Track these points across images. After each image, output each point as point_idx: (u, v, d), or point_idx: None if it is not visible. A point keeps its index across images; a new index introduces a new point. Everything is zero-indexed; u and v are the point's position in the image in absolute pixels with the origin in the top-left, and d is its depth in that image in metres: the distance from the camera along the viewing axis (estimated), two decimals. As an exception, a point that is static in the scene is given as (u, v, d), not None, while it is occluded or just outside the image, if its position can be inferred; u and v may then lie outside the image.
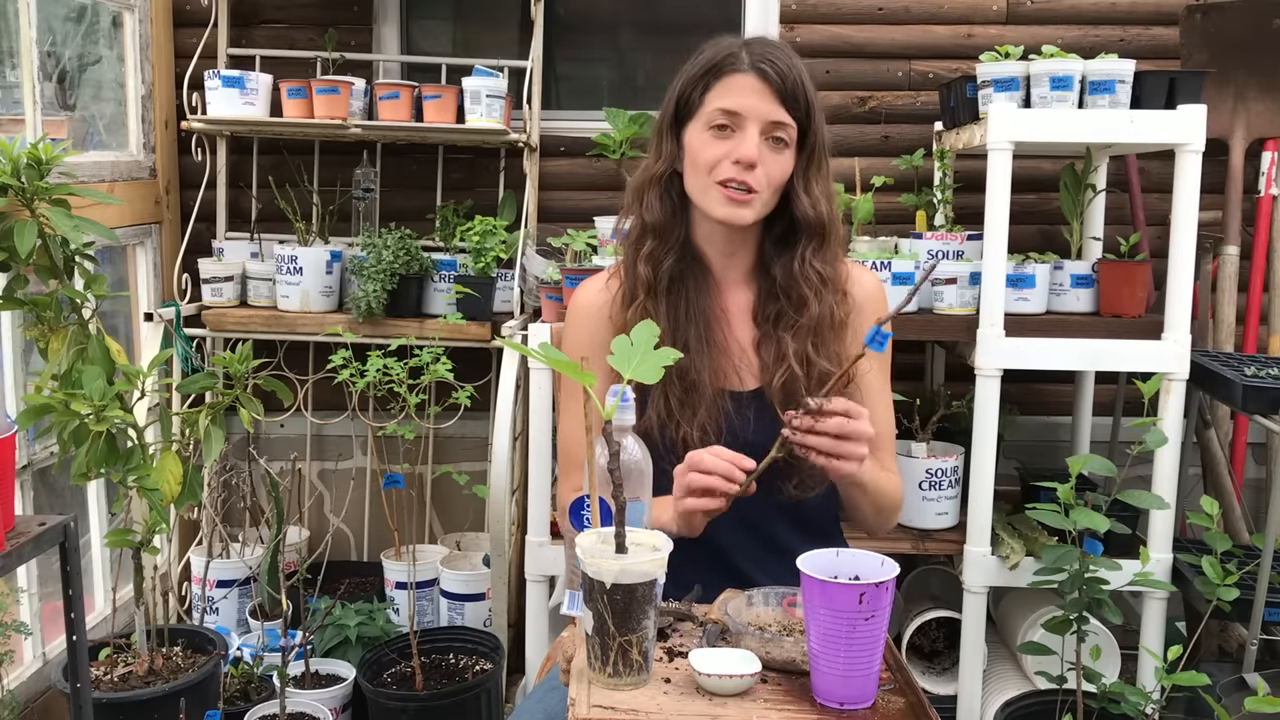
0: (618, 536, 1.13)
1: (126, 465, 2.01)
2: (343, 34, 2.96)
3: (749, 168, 1.47)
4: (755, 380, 1.55)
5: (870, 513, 1.55)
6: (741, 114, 1.47)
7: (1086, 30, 2.90)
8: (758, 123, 1.47)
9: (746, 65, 1.47)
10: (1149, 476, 2.29)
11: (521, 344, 1.40)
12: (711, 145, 1.48)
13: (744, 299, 1.59)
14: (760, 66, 1.46)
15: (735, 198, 1.48)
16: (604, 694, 1.13)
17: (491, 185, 3.01)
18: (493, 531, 2.50)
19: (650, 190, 1.56)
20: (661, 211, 1.55)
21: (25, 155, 1.91)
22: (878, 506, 1.54)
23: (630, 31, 3.17)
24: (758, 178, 1.47)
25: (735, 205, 1.49)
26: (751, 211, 1.50)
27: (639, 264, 1.55)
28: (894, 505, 1.58)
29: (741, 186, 1.47)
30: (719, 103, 1.48)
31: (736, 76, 1.47)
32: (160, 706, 2.12)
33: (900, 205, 2.80)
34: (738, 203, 1.49)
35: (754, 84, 1.46)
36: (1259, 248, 2.79)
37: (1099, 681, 1.91)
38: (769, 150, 1.48)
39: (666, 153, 1.55)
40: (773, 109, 1.47)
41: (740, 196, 1.48)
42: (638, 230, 1.58)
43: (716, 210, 1.50)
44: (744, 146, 1.46)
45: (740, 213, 1.49)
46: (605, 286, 1.61)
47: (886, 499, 1.55)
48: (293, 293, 2.77)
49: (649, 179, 1.56)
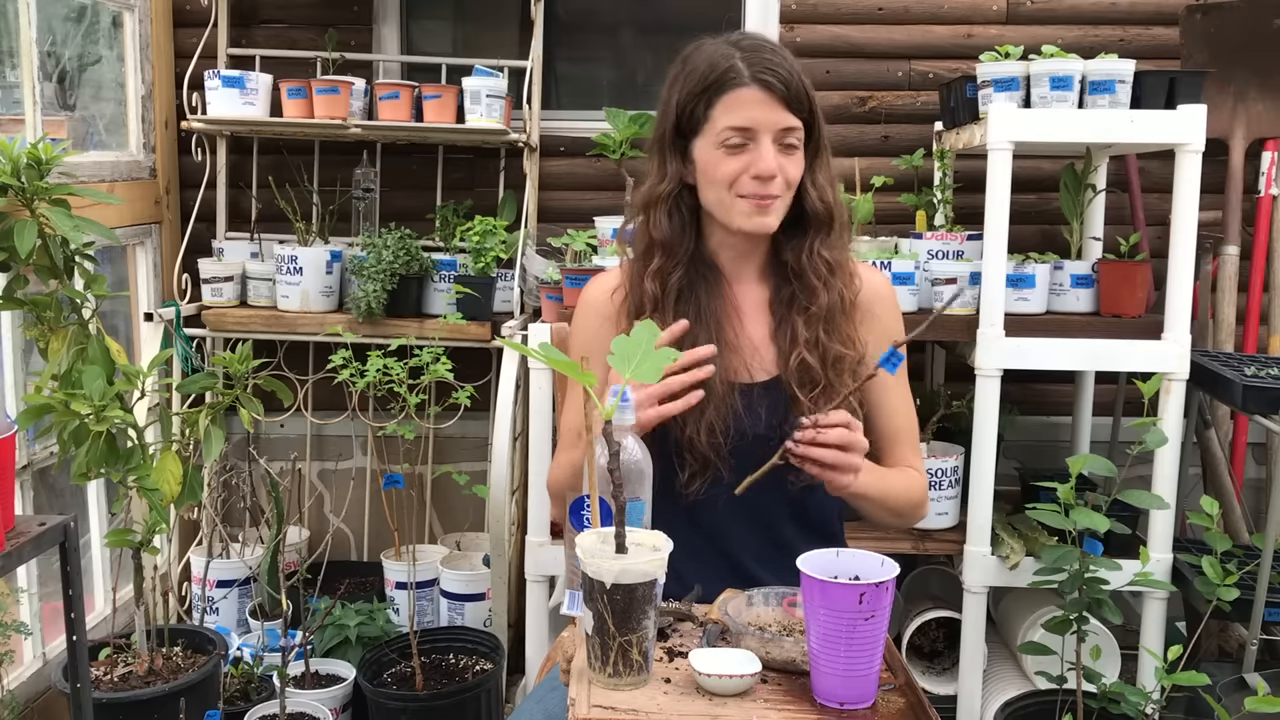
0: (618, 536, 1.13)
1: (126, 465, 2.01)
2: (343, 34, 2.96)
3: (770, 179, 1.48)
4: (768, 372, 1.56)
5: (886, 516, 1.56)
6: (754, 129, 1.47)
7: (1086, 30, 2.90)
8: (769, 133, 1.47)
9: (748, 78, 1.47)
10: (1149, 476, 2.29)
11: (521, 344, 1.40)
12: (727, 162, 1.49)
13: (759, 294, 1.60)
14: (763, 78, 1.46)
15: (759, 205, 1.49)
16: (604, 694, 1.13)
17: (491, 185, 3.01)
18: (493, 531, 2.50)
19: (658, 208, 1.56)
20: (670, 228, 1.55)
21: (25, 155, 1.91)
22: (892, 510, 1.55)
23: (630, 31, 3.17)
24: (778, 185, 1.49)
25: (760, 215, 1.50)
26: (775, 217, 1.52)
27: (646, 280, 1.55)
28: (912, 503, 1.58)
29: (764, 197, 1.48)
30: (728, 120, 1.47)
31: (740, 91, 1.47)
32: (160, 706, 2.12)
33: (900, 205, 2.80)
34: (762, 211, 1.50)
35: (759, 96, 1.46)
36: (1259, 248, 2.79)
37: (1099, 681, 1.91)
38: (784, 156, 1.49)
39: (672, 170, 1.55)
40: (781, 116, 1.47)
41: (764, 204, 1.49)
42: (644, 246, 1.58)
43: (742, 223, 1.51)
44: (763, 161, 1.47)
45: (766, 221, 1.51)
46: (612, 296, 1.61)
47: (901, 501, 1.55)
48: (293, 293, 2.77)
49: (657, 197, 1.56)
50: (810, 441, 1.35)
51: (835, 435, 1.35)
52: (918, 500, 1.60)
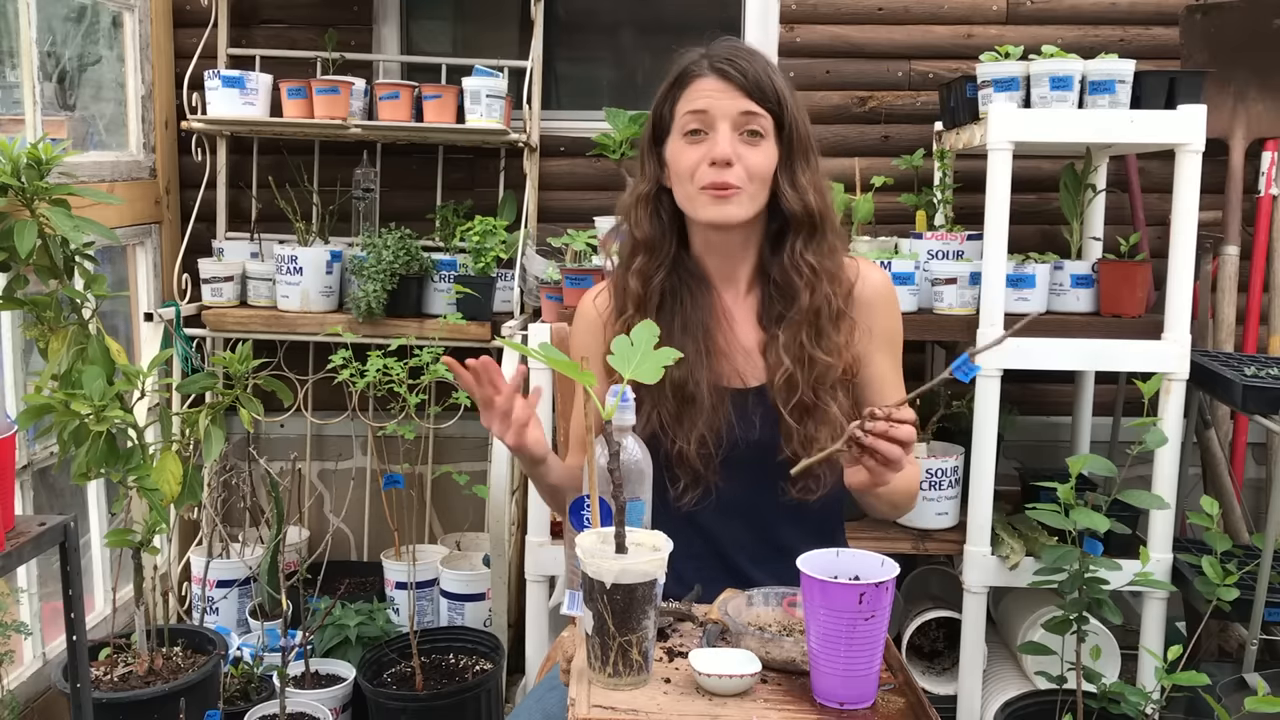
0: (618, 536, 1.13)
1: (126, 465, 2.01)
2: (343, 34, 2.96)
3: (726, 165, 1.47)
4: (759, 378, 1.55)
5: (888, 507, 1.56)
6: (709, 112, 1.48)
7: (1086, 30, 2.90)
8: (727, 119, 1.47)
9: (706, 68, 1.49)
10: (1149, 476, 2.29)
11: (521, 344, 1.40)
12: (688, 151, 1.49)
13: (749, 303, 1.59)
14: (719, 66, 1.48)
15: (718, 196, 1.48)
16: (604, 694, 1.13)
17: (491, 185, 3.01)
18: (493, 531, 2.50)
19: (639, 208, 1.57)
20: (651, 228, 1.56)
21: (25, 155, 1.91)
22: (894, 503, 1.56)
23: (630, 31, 3.17)
24: (737, 174, 1.47)
25: (720, 204, 1.48)
26: (738, 208, 1.49)
27: (629, 279, 1.56)
28: (911, 495, 1.59)
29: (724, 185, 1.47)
30: (685, 107, 1.50)
31: (699, 81, 1.49)
32: (160, 706, 2.12)
33: (900, 205, 2.80)
34: (721, 200, 1.48)
35: (716, 84, 1.48)
36: (1259, 248, 2.79)
37: (1099, 681, 1.91)
38: (745, 145, 1.48)
39: (650, 172, 1.57)
40: (739, 102, 1.47)
41: (722, 194, 1.48)
42: (628, 248, 1.59)
43: (703, 213, 1.50)
44: (718, 146, 1.47)
45: (726, 210, 1.49)
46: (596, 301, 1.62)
47: (904, 494, 1.56)
48: (293, 293, 2.77)
49: (636, 198, 1.58)
50: (882, 434, 1.28)
51: (905, 431, 1.29)
52: (915, 491, 1.61)
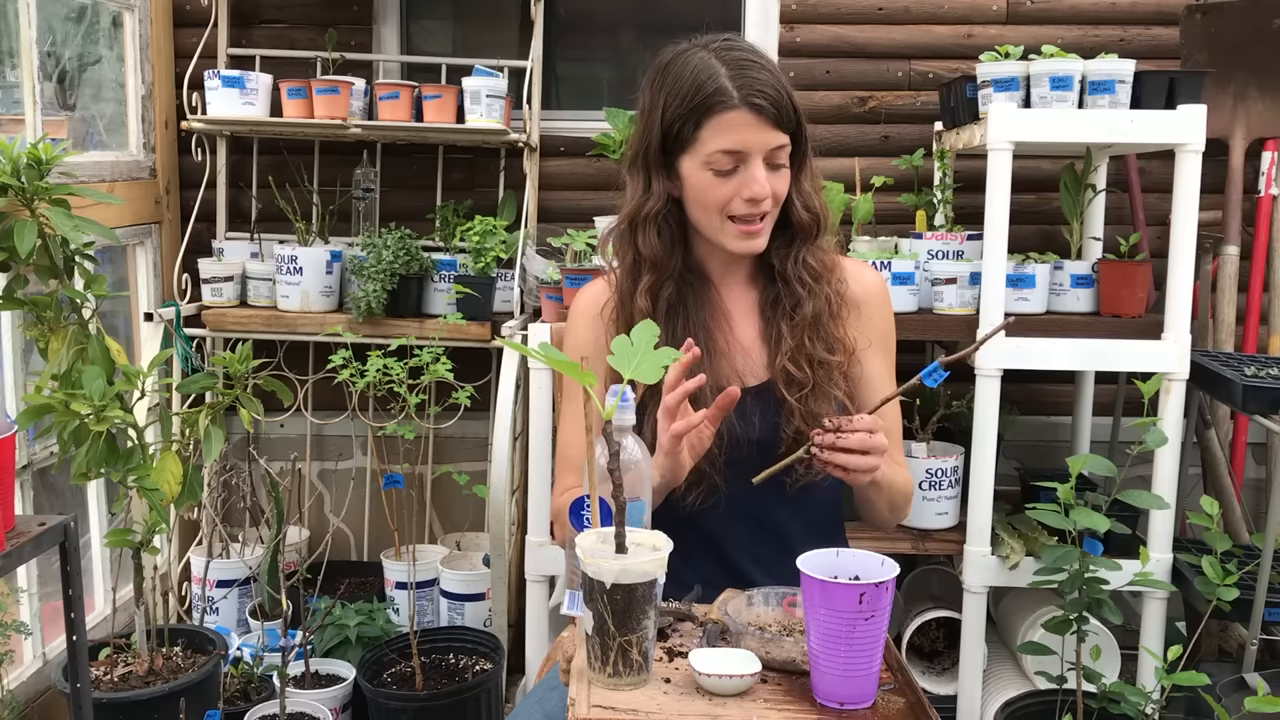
0: (618, 536, 1.13)
1: (126, 465, 2.01)
2: (343, 34, 2.96)
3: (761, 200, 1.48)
4: (758, 376, 1.56)
5: (885, 509, 1.57)
6: (745, 151, 1.46)
7: (1086, 30, 2.90)
8: (760, 154, 1.46)
9: (738, 100, 1.44)
10: (1149, 476, 2.29)
11: (521, 344, 1.40)
12: (718, 186, 1.48)
13: (749, 298, 1.60)
14: (753, 101, 1.44)
15: (750, 230, 1.50)
16: (604, 694, 1.13)
17: (491, 185, 3.01)
18: (493, 531, 2.50)
19: (648, 226, 1.54)
20: (660, 245, 1.54)
21: (25, 155, 1.91)
22: (891, 503, 1.56)
23: (630, 31, 3.17)
24: (768, 204, 1.49)
25: (751, 238, 1.51)
26: (765, 238, 1.52)
27: (638, 297, 1.54)
28: (906, 499, 1.60)
29: (755, 219, 1.49)
30: (718, 144, 1.46)
31: (730, 115, 1.45)
32: (160, 706, 2.12)
33: (900, 205, 2.80)
34: (753, 235, 1.50)
35: (749, 119, 1.45)
36: (1259, 248, 2.79)
37: (1099, 681, 1.91)
38: (772, 174, 1.48)
39: (658, 188, 1.53)
40: (771, 137, 1.46)
41: (754, 228, 1.50)
42: (631, 261, 1.57)
43: (733, 245, 1.51)
44: (755, 185, 1.46)
45: (757, 242, 1.52)
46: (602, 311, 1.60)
47: (899, 495, 1.57)
48: (293, 293, 2.77)
49: (645, 216, 1.54)
50: (830, 446, 1.35)
51: (855, 440, 1.35)
52: (910, 496, 1.62)
